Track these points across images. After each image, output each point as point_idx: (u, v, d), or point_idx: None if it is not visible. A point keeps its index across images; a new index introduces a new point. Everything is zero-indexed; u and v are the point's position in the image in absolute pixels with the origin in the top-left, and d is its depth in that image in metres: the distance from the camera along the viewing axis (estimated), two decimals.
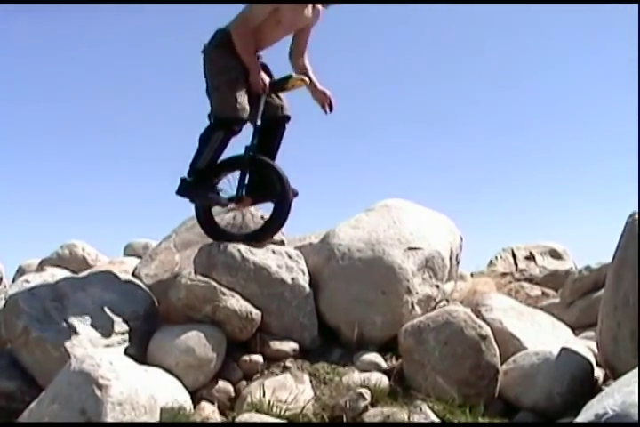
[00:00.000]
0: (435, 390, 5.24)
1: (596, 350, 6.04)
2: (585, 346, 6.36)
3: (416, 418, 4.89)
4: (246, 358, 5.64)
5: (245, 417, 4.84)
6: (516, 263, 10.29)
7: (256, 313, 5.69)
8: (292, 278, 6.04)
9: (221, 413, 5.18)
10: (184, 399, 5.05)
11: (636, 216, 5.53)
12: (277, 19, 6.00)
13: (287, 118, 6.37)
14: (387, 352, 5.86)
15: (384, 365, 5.72)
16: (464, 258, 7.45)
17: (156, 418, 4.53)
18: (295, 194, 6.24)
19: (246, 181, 6.21)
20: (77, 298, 5.75)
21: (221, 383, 5.44)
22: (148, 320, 5.88)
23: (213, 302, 5.59)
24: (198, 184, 6.05)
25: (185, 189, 6.07)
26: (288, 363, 5.66)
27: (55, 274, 7.51)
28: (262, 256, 6.04)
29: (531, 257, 10.40)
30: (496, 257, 10.47)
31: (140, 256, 9.34)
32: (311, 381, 5.49)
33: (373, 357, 5.76)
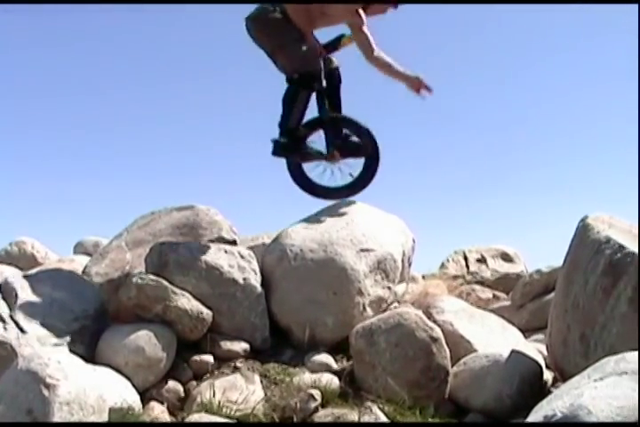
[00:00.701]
0: (385, 391, 5.24)
1: (545, 353, 6.11)
2: (535, 349, 6.42)
3: (366, 419, 4.89)
4: (196, 358, 5.59)
5: (195, 418, 4.80)
6: (467, 266, 10.36)
7: (207, 313, 5.65)
8: (244, 278, 6.01)
9: (171, 413, 5.13)
10: (133, 399, 4.99)
11: (588, 221, 5.58)
12: (323, 11, 6.34)
13: (338, 70, 6.73)
14: (338, 353, 5.86)
15: (335, 366, 5.71)
16: (416, 260, 7.46)
17: (104, 418, 4.48)
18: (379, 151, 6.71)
19: (332, 138, 6.63)
20: (25, 296, 5.66)
21: (171, 383, 5.39)
22: (98, 319, 5.81)
23: (164, 302, 5.54)
24: (292, 143, 6.45)
25: (281, 149, 6.47)
26: (239, 363, 5.63)
27: (3, 271, 7.40)
28: (214, 256, 6.01)
29: (482, 260, 10.48)
30: (448, 259, 10.53)
31: (90, 254, 9.25)
32: (262, 381, 5.46)
33: (324, 358, 5.75)
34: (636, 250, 4.98)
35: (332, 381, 5.41)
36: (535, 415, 3.50)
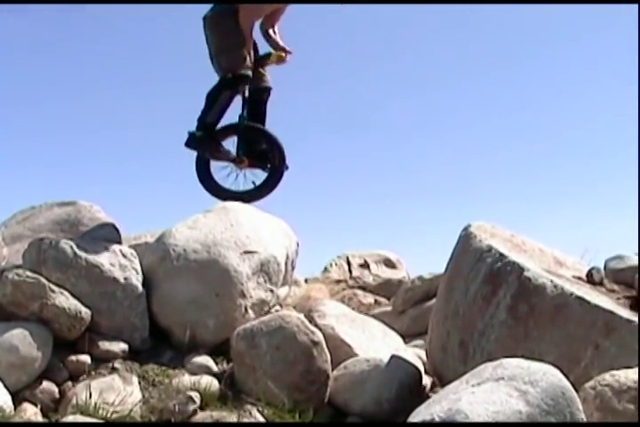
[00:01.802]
0: (265, 394, 5.20)
1: (425, 358, 6.18)
2: (414, 354, 6.50)
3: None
4: (73, 358, 5.44)
5: (69, 419, 4.68)
6: (350, 271, 10.42)
7: (85, 312, 5.51)
8: (125, 278, 5.89)
9: (44, 415, 4.97)
10: (4, 400, 4.81)
11: (470, 229, 5.68)
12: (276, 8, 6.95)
13: (269, 89, 7.08)
14: (218, 355, 5.80)
15: (215, 368, 5.66)
16: (299, 263, 7.47)
17: None
18: (287, 168, 6.99)
19: (244, 145, 6.93)
20: None
21: (46, 384, 5.22)
22: None
23: (41, 300, 5.37)
24: (207, 138, 6.78)
25: (195, 142, 6.79)
26: (117, 364, 5.51)
27: None
28: (95, 254, 5.87)
29: (365, 265, 10.55)
30: (331, 264, 10.56)
31: None
32: (140, 383, 5.35)
33: (204, 360, 5.69)
34: (517, 259, 5.09)
35: (212, 383, 5.35)
36: (413, 420, 3.54)
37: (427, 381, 5.90)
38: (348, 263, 10.61)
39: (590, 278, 5.65)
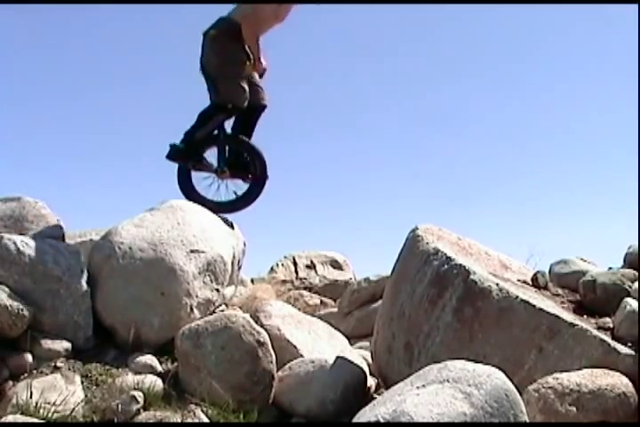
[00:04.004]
0: (210, 394, 5.17)
1: (370, 360, 6.20)
2: (360, 355, 6.52)
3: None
4: (14, 356, 5.34)
5: (9, 419, 4.58)
6: (296, 271, 10.43)
7: (27, 309, 5.41)
8: (70, 275, 5.81)
9: None
10: None
11: (417, 232, 5.71)
12: (277, 14, 6.78)
13: (264, 107, 7.07)
14: (163, 355, 5.75)
15: (159, 368, 5.60)
16: (246, 263, 7.45)
17: None
18: (267, 177, 7.08)
19: (226, 156, 7.01)
20: None
21: None
22: None
23: None
24: (189, 150, 6.84)
25: (176, 154, 6.85)
26: (59, 363, 5.42)
27: None
28: (39, 251, 5.77)
29: (311, 266, 10.57)
30: (277, 264, 10.57)
31: None
32: (82, 382, 5.27)
33: (148, 359, 5.63)
34: (463, 262, 5.13)
35: (156, 383, 5.29)
36: (358, 421, 3.54)
37: (372, 382, 5.92)
38: (295, 264, 10.62)
39: (535, 282, 5.72)
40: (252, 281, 9.53)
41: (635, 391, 4.25)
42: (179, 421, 4.80)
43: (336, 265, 10.74)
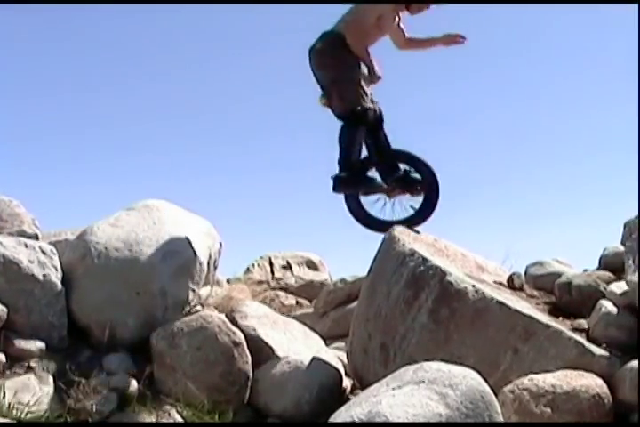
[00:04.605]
0: (185, 395, 5.17)
1: (345, 361, 6.19)
2: (335, 356, 6.50)
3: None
4: None
5: None
6: (272, 272, 10.40)
7: (1, 309, 5.38)
8: (44, 275, 5.76)
9: None
10: None
11: (394, 233, 5.71)
12: (379, 25, 6.47)
13: (381, 112, 6.66)
14: (138, 355, 5.71)
15: (134, 368, 5.56)
16: (222, 263, 7.41)
17: None
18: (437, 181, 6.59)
19: (388, 173, 6.53)
20: None
21: None
22: None
23: None
24: (354, 177, 6.36)
25: (343, 185, 6.37)
26: (33, 363, 5.37)
27: None
28: (13, 250, 5.73)
29: (287, 266, 10.55)
30: (253, 264, 10.53)
31: None
32: (56, 382, 5.24)
33: (123, 359, 5.60)
34: (439, 264, 5.14)
35: (131, 383, 5.28)
36: (334, 422, 3.54)
37: (347, 383, 5.92)
38: (271, 264, 10.59)
39: (511, 284, 5.74)
40: (228, 281, 9.48)
41: (609, 392, 4.27)
42: (153, 421, 4.79)
43: (312, 266, 10.73)
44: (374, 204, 6.67)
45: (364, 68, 6.48)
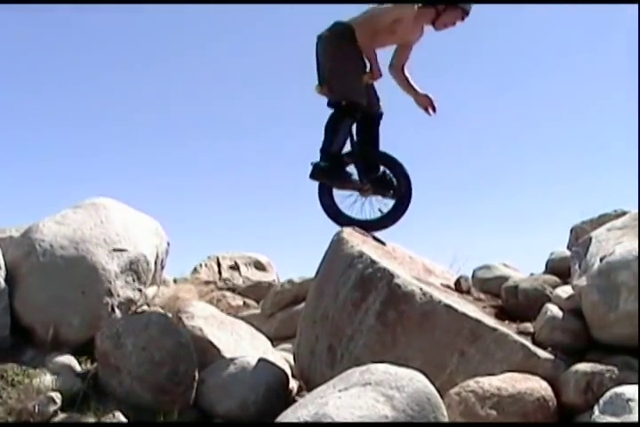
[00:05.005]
0: (129, 396, 5.12)
1: (292, 362, 6.18)
2: (282, 357, 6.51)
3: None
4: None
5: None
6: (220, 272, 10.38)
7: None
8: None
9: None
10: None
11: (342, 235, 5.72)
12: (393, 30, 6.30)
13: (381, 114, 6.60)
14: (82, 355, 5.68)
15: (78, 368, 5.54)
16: (169, 263, 7.39)
17: None
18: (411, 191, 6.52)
19: (366, 172, 6.48)
20: None
21: None
22: None
23: None
24: (333, 168, 6.33)
25: (320, 173, 6.33)
26: None
27: None
28: None
29: (235, 267, 10.53)
30: (201, 264, 10.50)
31: None
32: None
33: (67, 359, 5.56)
34: (387, 266, 5.15)
35: (74, 383, 5.23)
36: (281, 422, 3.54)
37: (293, 384, 5.92)
38: (218, 265, 10.58)
39: (458, 287, 5.78)
40: (175, 281, 9.45)
41: (553, 395, 4.32)
42: (97, 422, 4.73)
43: (260, 266, 10.74)
44: (346, 198, 6.64)
45: (367, 64, 6.41)
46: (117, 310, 6.02)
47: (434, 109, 6.67)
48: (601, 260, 4.89)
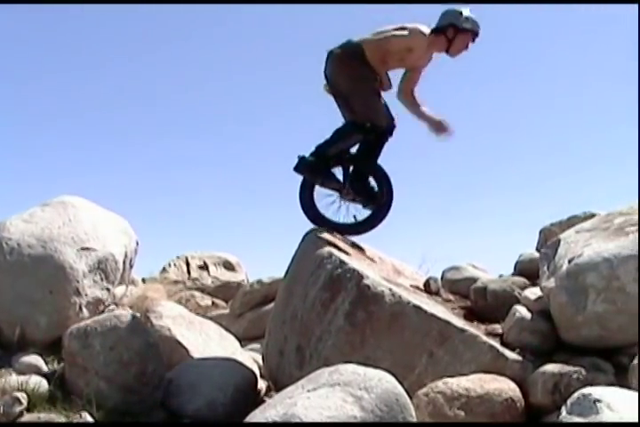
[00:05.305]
0: (97, 396, 5.07)
1: (261, 362, 6.17)
2: (251, 357, 6.51)
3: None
4: None
5: None
6: (189, 272, 10.35)
7: None
8: None
9: None
10: None
11: (312, 235, 5.73)
12: (403, 57, 6.29)
13: (394, 129, 6.44)
14: (49, 355, 5.63)
15: (45, 368, 5.49)
16: (138, 263, 7.35)
17: None
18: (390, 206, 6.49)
19: (352, 178, 6.39)
20: None
21: None
22: None
23: None
24: (319, 165, 6.27)
25: (305, 167, 6.26)
26: None
27: None
28: None
29: (204, 267, 10.51)
30: (170, 264, 10.47)
31: None
32: None
33: (34, 359, 5.51)
34: (356, 266, 5.16)
35: (41, 384, 5.18)
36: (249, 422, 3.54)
37: (262, 385, 5.91)
38: (187, 264, 10.55)
39: (427, 288, 5.79)
40: (144, 281, 9.41)
41: (521, 396, 4.34)
42: (64, 422, 4.69)
43: (229, 266, 10.73)
44: (325, 198, 6.57)
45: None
46: (85, 310, 5.97)
47: (449, 133, 6.51)
48: (569, 262, 4.92)
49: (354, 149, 6.43)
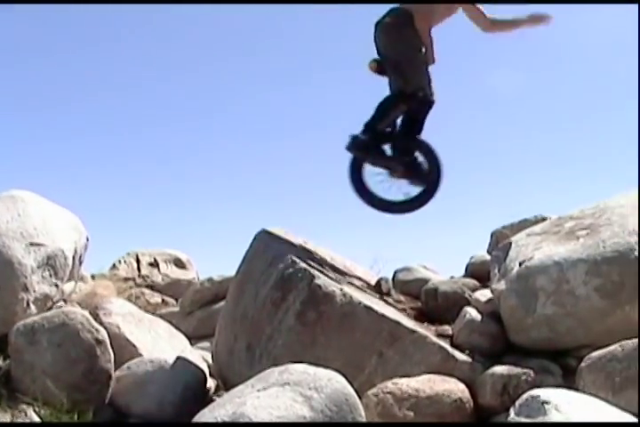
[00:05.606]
0: (43, 394, 5.01)
1: (210, 361, 6.15)
2: (200, 356, 6.48)
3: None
4: None
5: None
6: (139, 269, 10.29)
7: None
8: None
9: None
10: None
11: (264, 234, 5.72)
12: (449, 6, 6.34)
13: (433, 103, 6.45)
14: None
15: None
16: (87, 259, 7.26)
17: None
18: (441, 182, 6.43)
19: (400, 154, 6.38)
20: None
21: None
22: None
23: None
24: (371, 144, 6.25)
25: (357, 146, 6.24)
26: None
27: None
28: None
29: (154, 264, 10.46)
30: (120, 261, 10.40)
31: None
32: None
33: None
34: (306, 266, 5.16)
35: None
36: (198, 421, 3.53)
37: (211, 383, 5.88)
38: (138, 261, 10.49)
39: (379, 288, 5.80)
40: (93, 277, 9.33)
41: (471, 397, 4.38)
42: (8, 421, 4.63)
43: (179, 264, 10.70)
44: (375, 177, 6.54)
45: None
46: (33, 306, 5.89)
47: (548, 18, 6.44)
48: (520, 264, 4.98)
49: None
